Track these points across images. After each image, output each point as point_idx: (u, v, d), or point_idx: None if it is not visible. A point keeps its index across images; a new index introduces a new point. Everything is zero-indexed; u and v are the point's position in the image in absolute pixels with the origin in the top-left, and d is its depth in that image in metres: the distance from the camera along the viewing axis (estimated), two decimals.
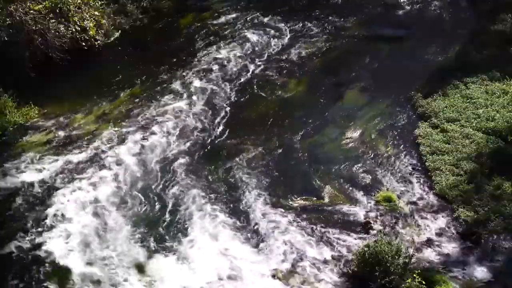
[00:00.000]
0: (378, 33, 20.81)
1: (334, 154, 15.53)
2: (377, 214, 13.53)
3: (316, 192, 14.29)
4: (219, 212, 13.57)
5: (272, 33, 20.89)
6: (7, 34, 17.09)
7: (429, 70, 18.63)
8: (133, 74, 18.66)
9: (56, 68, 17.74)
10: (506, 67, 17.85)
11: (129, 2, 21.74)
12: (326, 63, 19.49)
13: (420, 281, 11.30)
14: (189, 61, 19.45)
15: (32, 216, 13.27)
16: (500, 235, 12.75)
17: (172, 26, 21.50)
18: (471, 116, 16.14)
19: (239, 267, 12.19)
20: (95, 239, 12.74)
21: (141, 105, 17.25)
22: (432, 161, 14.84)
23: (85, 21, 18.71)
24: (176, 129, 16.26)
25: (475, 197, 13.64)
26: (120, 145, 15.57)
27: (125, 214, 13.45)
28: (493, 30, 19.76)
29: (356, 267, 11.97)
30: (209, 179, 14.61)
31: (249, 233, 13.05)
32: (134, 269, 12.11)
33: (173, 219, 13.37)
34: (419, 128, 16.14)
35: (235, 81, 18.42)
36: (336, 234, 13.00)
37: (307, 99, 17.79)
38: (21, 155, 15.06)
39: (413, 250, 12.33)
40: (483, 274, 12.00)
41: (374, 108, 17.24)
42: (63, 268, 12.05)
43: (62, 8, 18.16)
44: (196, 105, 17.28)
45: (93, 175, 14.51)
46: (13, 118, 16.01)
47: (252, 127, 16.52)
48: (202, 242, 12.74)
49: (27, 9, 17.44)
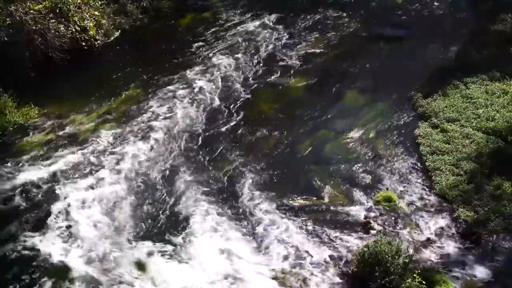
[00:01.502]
0: (378, 33, 20.81)
1: (334, 154, 15.53)
2: (377, 214, 13.52)
3: (316, 192, 14.29)
4: (219, 212, 13.57)
5: (272, 33, 20.90)
6: (7, 34, 17.13)
7: (429, 70, 18.63)
8: (133, 74, 18.67)
9: (56, 68, 17.76)
10: (506, 67, 17.84)
11: (129, 2, 21.76)
12: (326, 63, 19.49)
13: (420, 281, 11.31)
14: (189, 61, 19.47)
15: (32, 216, 13.28)
16: (500, 235, 12.73)
17: (172, 26, 21.52)
18: (471, 116, 16.13)
19: (239, 266, 12.19)
20: (95, 239, 12.73)
21: (141, 105, 17.26)
22: (432, 161, 14.84)
23: (85, 21, 18.72)
24: (176, 129, 16.28)
25: (475, 197, 13.63)
26: (120, 145, 15.59)
27: (125, 214, 13.45)
28: (493, 30, 19.73)
29: (356, 267, 11.97)
30: (209, 179, 14.61)
31: (249, 233, 13.05)
32: (135, 268, 12.11)
33: (173, 219, 13.38)
34: (419, 128, 16.14)
35: (235, 81, 18.43)
36: (336, 234, 13.00)
37: (307, 99, 17.79)
38: (21, 155, 15.07)
39: (413, 250, 12.34)
40: (483, 274, 12.00)
41: (374, 108, 17.23)
42: (63, 268, 12.05)
43: (62, 8, 18.18)
44: (196, 105, 17.30)
45: (93, 175, 14.52)
46: (13, 118, 16.04)
47: (252, 127, 16.52)
48: (202, 242, 12.74)
49: (27, 9, 17.46)
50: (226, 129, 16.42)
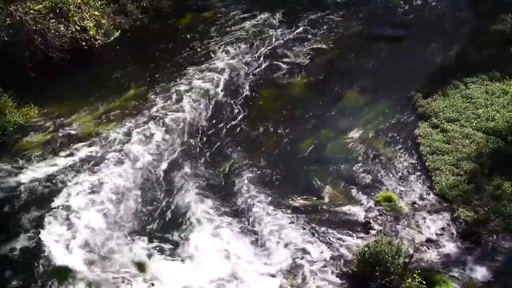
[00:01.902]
0: (378, 33, 20.82)
1: (334, 154, 15.52)
2: (377, 214, 13.52)
3: (316, 192, 14.29)
4: (219, 211, 13.57)
5: (272, 33, 20.90)
6: (7, 34, 17.11)
7: (429, 70, 18.63)
8: (133, 74, 18.67)
9: (56, 68, 17.75)
10: (506, 67, 17.85)
11: (129, 2, 21.76)
12: (326, 63, 19.50)
13: (420, 281, 11.31)
14: (189, 61, 19.46)
15: (32, 216, 13.27)
16: (500, 235, 12.74)
17: (172, 26, 21.51)
18: (471, 116, 16.14)
19: (238, 266, 12.19)
20: (96, 239, 12.73)
21: (141, 105, 17.26)
22: (432, 161, 14.84)
23: (85, 21, 18.71)
24: (176, 129, 16.27)
25: (475, 197, 13.64)
26: (120, 145, 15.59)
27: (125, 214, 13.45)
28: (493, 30, 19.75)
29: (356, 267, 11.97)
30: (210, 179, 14.61)
31: (249, 233, 13.05)
32: (135, 268, 12.11)
33: (173, 218, 13.38)
34: (419, 128, 16.14)
35: (235, 81, 18.43)
36: (336, 234, 13.00)
37: (307, 99, 17.79)
38: (21, 155, 15.07)
39: (413, 250, 12.34)
40: (483, 274, 12.00)
41: (374, 108, 17.24)
42: (63, 268, 12.04)
43: (62, 8, 18.16)
44: (196, 105, 17.29)
45: (94, 175, 14.51)
46: (13, 118, 16.03)
47: (252, 127, 16.52)
48: (202, 242, 12.73)
49: (27, 9, 17.44)
50: (226, 128, 16.41)
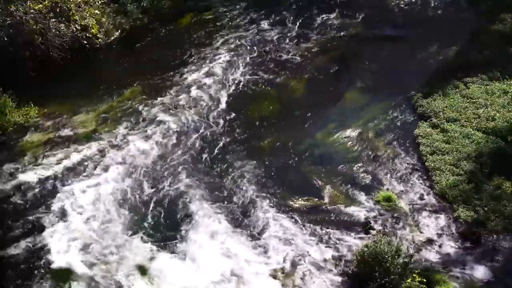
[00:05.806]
0: (378, 33, 20.81)
1: (334, 154, 15.53)
2: (377, 214, 13.53)
3: (316, 192, 14.29)
4: (219, 212, 13.58)
5: (272, 33, 20.88)
6: (7, 34, 17.10)
7: (429, 70, 18.62)
8: (133, 74, 18.67)
9: (56, 68, 17.76)
10: (506, 67, 17.85)
11: (129, 1, 21.74)
12: (326, 63, 19.47)
13: (420, 281, 11.32)
14: (189, 61, 19.46)
15: (32, 216, 13.29)
16: (500, 235, 12.76)
17: (172, 26, 21.49)
18: (471, 116, 16.14)
19: (239, 266, 12.21)
20: (96, 239, 12.74)
21: (141, 105, 17.25)
22: (432, 161, 14.84)
23: (86, 20, 18.71)
24: (176, 129, 16.28)
25: (475, 197, 13.65)
26: (120, 145, 15.59)
27: (126, 214, 13.46)
28: (493, 30, 19.76)
29: (356, 267, 11.98)
30: (210, 179, 14.62)
31: (250, 233, 13.05)
32: (135, 268, 12.12)
33: (174, 218, 13.39)
34: (419, 128, 16.13)
35: (235, 81, 18.42)
36: (336, 234, 13.01)
37: (307, 99, 17.79)
38: (21, 155, 15.07)
39: (413, 250, 12.34)
40: (483, 274, 12.01)
41: (374, 108, 17.23)
42: (63, 268, 12.06)
43: (63, 7, 18.16)
44: (196, 105, 17.30)
45: (94, 175, 14.53)
46: (13, 118, 16.04)
47: (252, 127, 16.52)
48: (203, 242, 12.76)
49: (27, 8, 17.45)
50: (226, 128, 16.41)
